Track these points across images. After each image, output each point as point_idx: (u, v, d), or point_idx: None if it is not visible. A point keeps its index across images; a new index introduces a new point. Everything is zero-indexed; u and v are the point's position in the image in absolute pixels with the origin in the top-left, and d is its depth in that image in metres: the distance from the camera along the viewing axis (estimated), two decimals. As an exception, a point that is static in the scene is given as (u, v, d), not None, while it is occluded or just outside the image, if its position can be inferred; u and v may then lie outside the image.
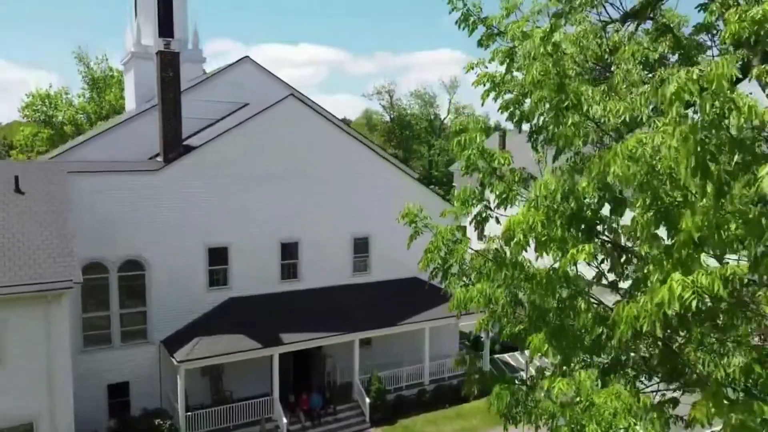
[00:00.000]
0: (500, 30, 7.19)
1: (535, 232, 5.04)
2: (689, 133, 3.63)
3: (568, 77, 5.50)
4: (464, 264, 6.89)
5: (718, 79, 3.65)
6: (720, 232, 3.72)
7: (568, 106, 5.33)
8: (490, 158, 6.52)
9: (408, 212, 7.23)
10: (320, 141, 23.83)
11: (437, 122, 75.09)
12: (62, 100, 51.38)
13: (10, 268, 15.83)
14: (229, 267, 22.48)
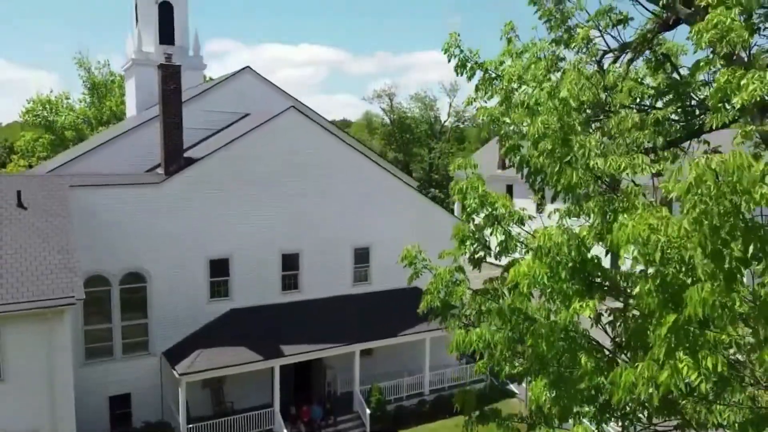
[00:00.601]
0: (498, 74, 7.26)
1: (540, 285, 5.11)
2: (704, 218, 3.68)
3: (573, 132, 5.56)
4: (464, 305, 6.96)
5: (736, 170, 3.68)
6: (725, 312, 3.78)
7: (570, 161, 5.40)
8: (491, 206, 6.57)
9: (407, 255, 7.29)
10: (321, 152, 23.89)
11: (437, 125, 75.07)
12: (63, 105, 51.47)
13: (12, 284, 15.90)
14: (230, 278, 22.56)
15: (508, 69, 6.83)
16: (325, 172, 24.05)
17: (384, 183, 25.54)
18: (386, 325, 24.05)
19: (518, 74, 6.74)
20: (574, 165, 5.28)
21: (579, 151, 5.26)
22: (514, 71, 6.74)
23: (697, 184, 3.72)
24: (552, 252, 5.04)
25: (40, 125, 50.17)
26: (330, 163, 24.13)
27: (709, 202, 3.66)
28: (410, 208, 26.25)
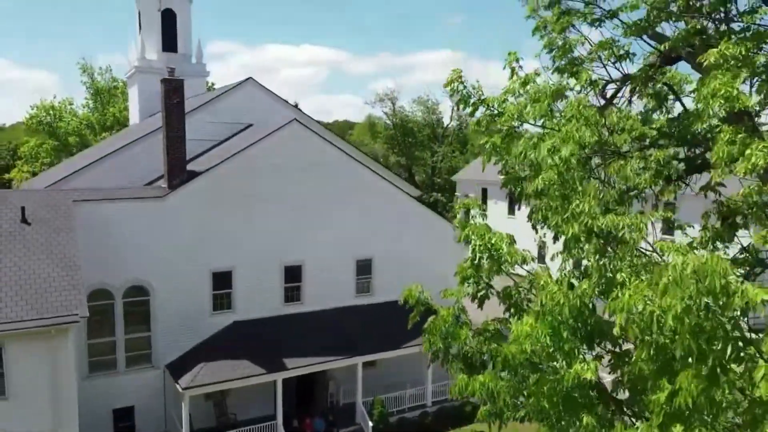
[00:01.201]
0: (500, 111, 7.31)
1: (542, 344, 5.16)
2: (685, 315, 3.75)
3: (574, 189, 5.61)
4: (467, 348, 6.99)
5: (712, 276, 3.74)
6: (714, 404, 3.84)
7: (569, 219, 5.45)
8: (498, 256, 6.58)
9: (410, 294, 7.32)
10: (323, 163, 23.94)
11: (440, 129, 75.06)
12: (66, 111, 51.63)
13: (17, 302, 15.99)
14: (233, 291, 22.63)
15: (509, 107, 6.88)
16: (328, 183, 24.10)
17: (386, 194, 25.58)
18: (389, 337, 24.06)
19: (520, 112, 6.79)
20: (573, 222, 5.33)
21: (578, 210, 5.31)
22: (515, 110, 6.79)
23: (672, 289, 3.78)
24: (554, 312, 5.08)
25: (43, 131, 50.34)
26: (332, 174, 24.19)
27: (689, 302, 3.72)
28: (413, 219, 26.29)
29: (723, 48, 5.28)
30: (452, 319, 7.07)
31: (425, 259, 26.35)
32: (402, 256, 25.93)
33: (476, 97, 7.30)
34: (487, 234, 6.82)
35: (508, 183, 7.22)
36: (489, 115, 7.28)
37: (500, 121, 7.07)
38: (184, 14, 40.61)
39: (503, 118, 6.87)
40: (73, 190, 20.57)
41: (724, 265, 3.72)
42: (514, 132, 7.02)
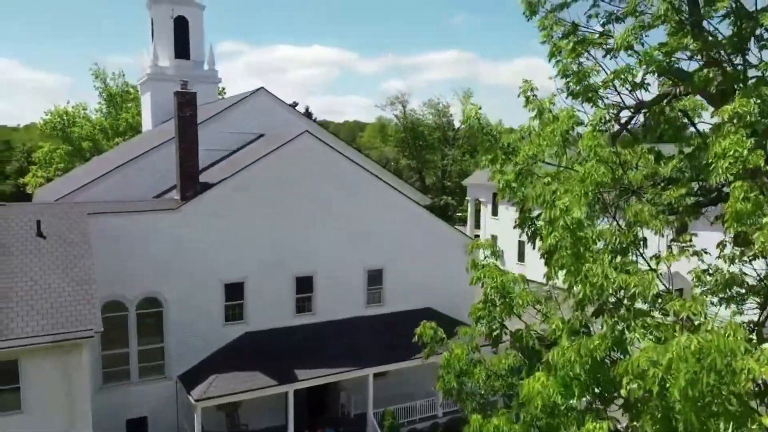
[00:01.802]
0: (514, 148, 7.33)
1: (554, 402, 5.17)
2: (689, 390, 3.75)
3: (588, 250, 5.62)
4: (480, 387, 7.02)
5: (715, 355, 3.74)
6: None
7: (581, 280, 5.46)
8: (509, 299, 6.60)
9: (424, 332, 7.35)
10: (334, 175, 24.03)
11: (450, 132, 75.02)
12: (80, 116, 52.12)
13: (32, 317, 16.19)
14: (244, 302, 22.77)
15: (523, 149, 6.90)
16: (338, 194, 24.19)
17: (397, 203, 25.63)
18: (399, 348, 24.05)
19: (533, 153, 6.81)
20: (585, 282, 5.34)
21: (590, 272, 5.32)
22: (529, 150, 6.81)
23: (675, 365, 3.79)
24: (565, 368, 5.10)
25: (57, 136, 50.88)
26: (343, 185, 24.27)
27: (693, 376, 3.72)
28: (423, 229, 26.33)
29: (737, 105, 5.27)
30: (466, 358, 7.09)
31: (436, 269, 26.42)
32: (413, 266, 25.99)
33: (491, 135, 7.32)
34: (498, 276, 6.84)
35: (523, 224, 7.23)
36: (504, 154, 7.30)
37: (515, 161, 7.08)
38: (196, 21, 40.89)
39: (518, 157, 6.89)
40: (88, 203, 20.77)
41: (729, 343, 3.72)
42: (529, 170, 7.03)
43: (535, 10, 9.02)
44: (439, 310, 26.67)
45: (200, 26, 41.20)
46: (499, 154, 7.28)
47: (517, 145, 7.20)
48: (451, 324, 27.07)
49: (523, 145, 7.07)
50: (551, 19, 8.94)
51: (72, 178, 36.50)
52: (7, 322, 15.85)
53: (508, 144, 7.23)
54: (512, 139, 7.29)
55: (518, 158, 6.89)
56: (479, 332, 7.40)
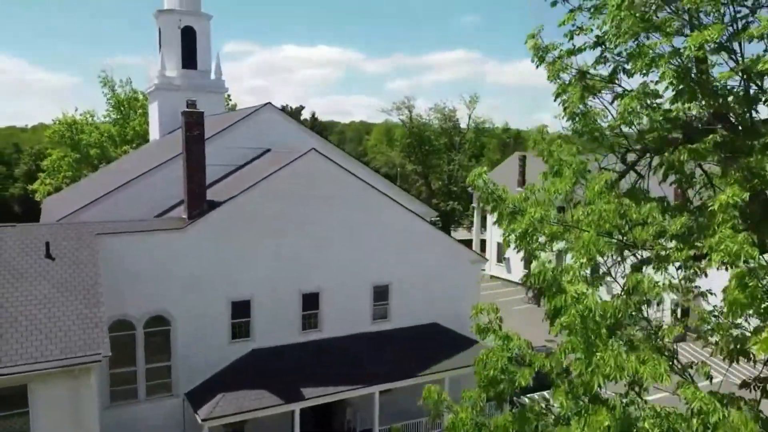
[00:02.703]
0: (520, 209, 7.34)
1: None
2: None
3: (600, 337, 5.61)
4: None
5: None
6: None
7: (593, 370, 5.46)
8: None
9: (428, 396, 7.36)
10: (340, 192, 24.08)
11: (457, 137, 74.92)
12: (88, 123, 52.41)
13: (41, 341, 16.30)
14: (251, 319, 22.85)
15: (529, 211, 6.91)
16: (344, 211, 24.24)
17: (403, 220, 25.66)
18: (406, 364, 24.15)
19: (540, 216, 6.82)
20: (598, 373, 5.35)
21: (602, 363, 5.33)
22: (535, 214, 6.82)
23: None
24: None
25: (65, 144, 51.20)
26: (349, 201, 24.31)
27: None
28: (429, 244, 26.34)
29: (731, 194, 5.28)
30: (471, 423, 7.10)
31: (442, 285, 26.48)
32: (419, 282, 26.04)
33: (497, 196, 7.34)
34: (507, 341, 6.85)
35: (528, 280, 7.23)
36: (510, 213, 7.31)
37: (520, 223, 7.09)
38: (203, 31, 41.08)
39: (525, 219, 6.89)
40: (96, 223, 20.88)
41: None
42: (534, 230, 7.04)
43: (543, 57, 9.02)
44: (445, 325, 26.76)
45: (207, 36, 41.37)
46: (504, 214, 7.29)
47: (522, 206, 7.22)
48: (456, 339, 27.10)
49: (529, 205, 7.08)
50: (559, 65, 8.95)
51: (79, 189, 36.72)
52: (16, 347, 15.97)
53: (514, 205, 7.25)
54: (517, 200, 7.30)
55: (524, 220, 6.90)
56: (486, 395, 7.40)
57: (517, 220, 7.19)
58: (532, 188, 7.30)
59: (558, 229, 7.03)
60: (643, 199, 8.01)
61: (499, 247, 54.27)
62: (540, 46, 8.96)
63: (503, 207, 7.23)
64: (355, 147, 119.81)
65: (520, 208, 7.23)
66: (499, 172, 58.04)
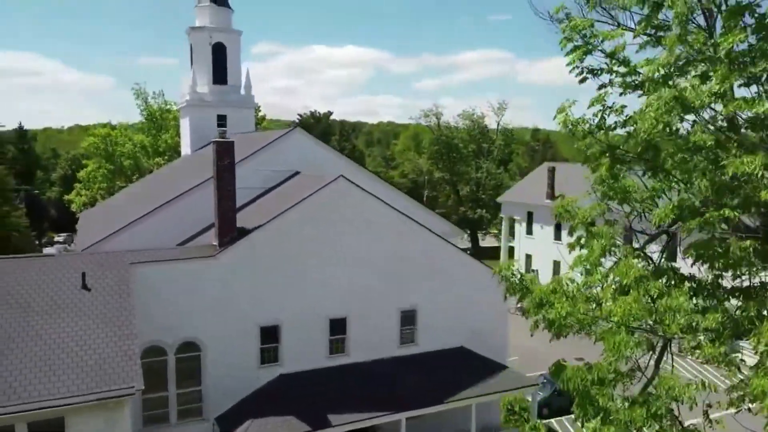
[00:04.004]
0: (548, 301, 7.35)
1: None
2: None
3: None
4: None
5: None
6: None
7: None
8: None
9: None
10: (368, 218, 24.21)
11: (485, 144, 74.46)
12: (122, 135, 53.66)
13: (77, 374, 16.79)
14: (279, 345, 23.14)
15: (557, 306, 6.91)
16: (372, 236, 24.36)
17: (430, 245, 25.65)
18: (432, 390, 24.17)
19: (567, 312, 6.83)
20: None
21: None
22: (562, 309, 6.82)
23: None
24: None
25: (100, 156, 52.52)
26: (376, 226, 24.43)
27: None
28: (456, 268, 26.29)
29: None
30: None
31: (469, 308, 26.42)
32: (446, 306, 26.03)
33: (524, 286, 7.36)
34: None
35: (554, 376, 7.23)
36: (537, 305, 7.32)
37: (550, 313, 7.10)
38: (233, 47, 41.74)
39: (553, 313, 6.90)
40: (130, 252, 21.40)
41: None
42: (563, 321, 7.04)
43: (573, 132, 9.03)
44: (472, 349, 26.69)
45: (237, 51, 42.02)
46: (532, 307, 7.31)
47: (550, 298, 7.22)
48: (483, 364, 26.99)
49: (556, 299, 7.08)
50: (589, 140, 8.94)
51: (113, 206, 37.60)
52: (54, 381, 16.50)
53: (541, 299, 7.25)
54: (545, 293, 7.30)
55: (552, 314, 6.91)
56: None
57: (546, 309, 7.20)
58: (559, 280, 7.29)
59: (587, 319, 7.01)
60: (674, 285, 7.93)
61: (527, 257, 53.84)
62: (570, 120, 8.95)
63: (531, 300, 7.25)
64: (383, 150, 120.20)
65: (548, 300, 7.24)
66: (527, 182, 57.57)
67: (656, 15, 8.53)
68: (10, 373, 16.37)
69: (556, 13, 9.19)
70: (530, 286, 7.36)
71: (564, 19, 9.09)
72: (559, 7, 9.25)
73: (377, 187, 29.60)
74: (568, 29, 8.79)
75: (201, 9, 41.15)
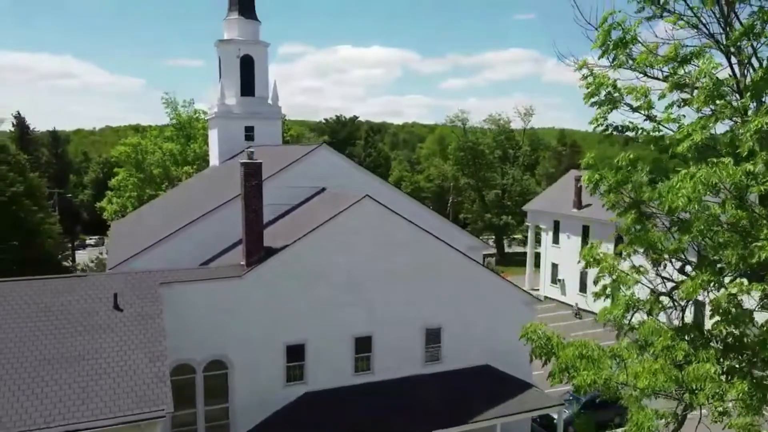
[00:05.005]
0: (573, 365, 7.38)
1: None
2: None
3: None
4: None
5: None
6: None
7: None
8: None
9: None
10: (393, 236, 24.33)
11: (511, 150, 74.00)
12: (152, 143, 54.69)
13: (110, 396, 17.22)
14: (305, 363, 23.40)
15: (582, 372, 6.94)
16: (397, 255, 24.47)
17: (456, 264, 25.66)
18: (457, 408, 24.20)
19: (592, 379, 6.86)
20: None
21: None
22: (587, 377, 6.86)
23: None
24: None
25: (131, 164, 53.66)
26: (401, 245, 24.53)
27: None
28: (481, 286, 26.27)
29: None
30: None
31: (494, 326, 26.35)
32: (471, 324, 26.02)
33: (552, 353, 7.41)
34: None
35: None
36: (563, 369, 7.37)
37: (576, 379, 7.14)
38: (261, 59, 42.21)
39: (578, 380, 6.95)
40: (160, 271, 21.84)
41: None
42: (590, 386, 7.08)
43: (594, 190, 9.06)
44: (498, 367, 26.64)
45: (264, 63, 42.49)
46: (557, 369, 7.35)
47: (576, 364, 7.24)
48: (509, 382, 26.92)
49: (583, 365, 7.10)
50: (617, 197, 8.95)
51: (143, 218, 38.38)
52: (88, 403, 16.96)
53: (567, 364, 7.29)
54: (570, 358, 7.33)
55: (578, 381, 6.95)
56: None
57: (571, 373, 7.24)
58: (585, 344, 7.31)
59: (612, 386, 7.03)
60: (701, 346, 7.89)
61: (553, 267, 53.41)
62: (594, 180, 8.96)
63: (557, 365, 7.29)
64: (408, 154, 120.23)
65: (574, 366, 7.27)
66: (554, 190, 57.09)
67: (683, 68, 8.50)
68: (46, 395, 16.89)
69: (603, 22, 8.89)
70: (557, 351, 7.40)
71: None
72: (608, 12, 8.97)
73: (402, 201, 29.74)
74: (593, 85, 8.79)
75: (229, 22, 41.71)
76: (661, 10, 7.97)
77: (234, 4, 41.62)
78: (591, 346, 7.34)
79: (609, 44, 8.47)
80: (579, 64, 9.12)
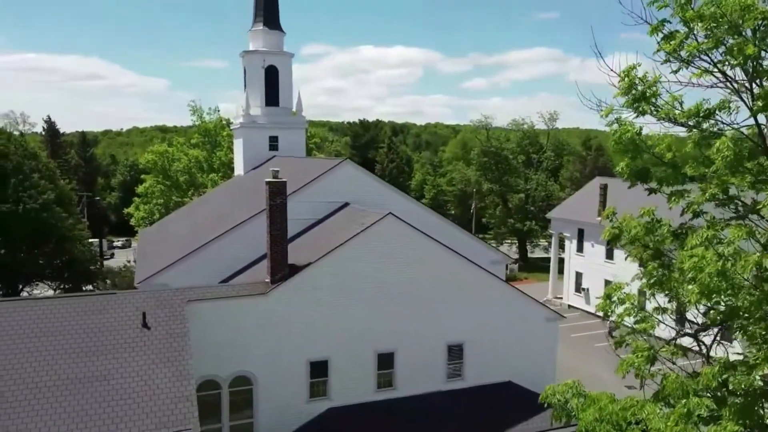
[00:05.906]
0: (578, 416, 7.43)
1: None
2: None
3: None
4: None
5: None
6: None
7: None
8: None
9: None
10: (415, 253, 24.42)
11: (535, 155, 73.48)
12: (179, 151, 55.57)
13: (138, 415, 17.61)
14: (328, 379, 23.64)
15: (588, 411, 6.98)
16: (419, 271, 24.57)
17: (478, 280, 25.66)
18: (480, 425, 24.21)
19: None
20: None
21: None
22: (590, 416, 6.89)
23: None
24: None
25: (158, 171, 54.61)
26: (422, 262, 24.61)
27: None
28: (503, 302, 26.24)
29: None
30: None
31: (517, 342, 26.32)
32: (493, 340, 26.00)
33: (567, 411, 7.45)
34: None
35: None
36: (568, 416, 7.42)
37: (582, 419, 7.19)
38: (285, 69, 42.63)
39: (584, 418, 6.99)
40: (186, 289, 22.25)
41: None
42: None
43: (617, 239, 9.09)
44: (520, 384, 26.58)
45: (289, 73, 42.89)
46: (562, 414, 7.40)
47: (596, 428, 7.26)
48: (532, 400, 26.83)
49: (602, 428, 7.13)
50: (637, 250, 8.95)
51: (169, 228, 39.05)
52: (117, 422, 17.38)
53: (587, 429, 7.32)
54: (589, 423, 7.34)
55: (584, 419, 6.99)
56: None
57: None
58: (603, 408, 7.33)
59: None
60: (724, 402, 7.87)
61: (577, 275, 52.95)
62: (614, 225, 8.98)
63: (578, 429, 7.33)
64: (431, 157, 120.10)
65: (594, 429, 7.30)
66: (578, 198, 56.56)
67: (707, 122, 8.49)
68: (77, 413, 17.36)
69: (626, 75, 8.93)
70: (576, 413, 7.44)
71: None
72: (631, 66, 9.01)
73: (425, 216, 29.86)
74: (618, 137, 8.80)
75: (254, 33, 42.20)
76: (687, 63, 7.96)
77: (259, 15, 42.11)
78: (610, 410, 7.33)
79: (632, 95, 8.48)
80: (605, 110, 9.14)
